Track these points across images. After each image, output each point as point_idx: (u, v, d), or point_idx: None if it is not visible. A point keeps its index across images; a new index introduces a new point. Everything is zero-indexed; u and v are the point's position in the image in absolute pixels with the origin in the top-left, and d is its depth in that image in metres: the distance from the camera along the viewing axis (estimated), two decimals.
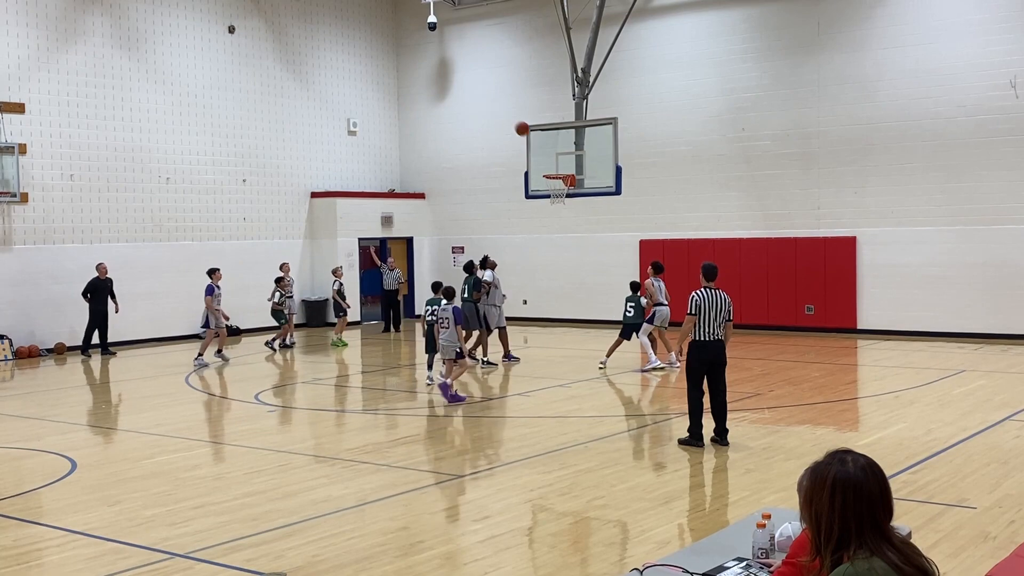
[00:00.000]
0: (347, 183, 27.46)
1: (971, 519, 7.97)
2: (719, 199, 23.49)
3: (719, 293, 10.78)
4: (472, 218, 27.46)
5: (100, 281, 20.71)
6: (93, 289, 20.59)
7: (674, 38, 24.10)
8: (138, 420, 14.46)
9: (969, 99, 20.36)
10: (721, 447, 10.78)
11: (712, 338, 10.67)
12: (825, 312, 22.03)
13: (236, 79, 24.95)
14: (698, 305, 10.65)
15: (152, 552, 7.54)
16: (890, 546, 3.00)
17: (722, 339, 10.75)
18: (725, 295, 10.84)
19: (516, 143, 20.02)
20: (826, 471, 3.09)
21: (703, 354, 10.72)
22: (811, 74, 22.22)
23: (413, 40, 28.40)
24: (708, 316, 10.63)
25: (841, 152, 21.89)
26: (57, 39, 21.55)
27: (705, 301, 10.64)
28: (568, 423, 12.57)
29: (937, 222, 20.88)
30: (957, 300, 20.60)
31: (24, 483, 10.03)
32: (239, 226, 25.05)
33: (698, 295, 10.72)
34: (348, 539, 7.81)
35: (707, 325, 10.64)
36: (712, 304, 10.64)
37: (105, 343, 20.89)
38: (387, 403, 15.13)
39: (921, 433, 11.36)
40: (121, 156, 22.59)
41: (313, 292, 26.48)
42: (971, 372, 16.19)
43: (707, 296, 10.67)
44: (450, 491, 9.37)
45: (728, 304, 10.76)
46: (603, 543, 7.82)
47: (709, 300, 10.64)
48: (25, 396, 16.56)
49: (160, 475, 10.14)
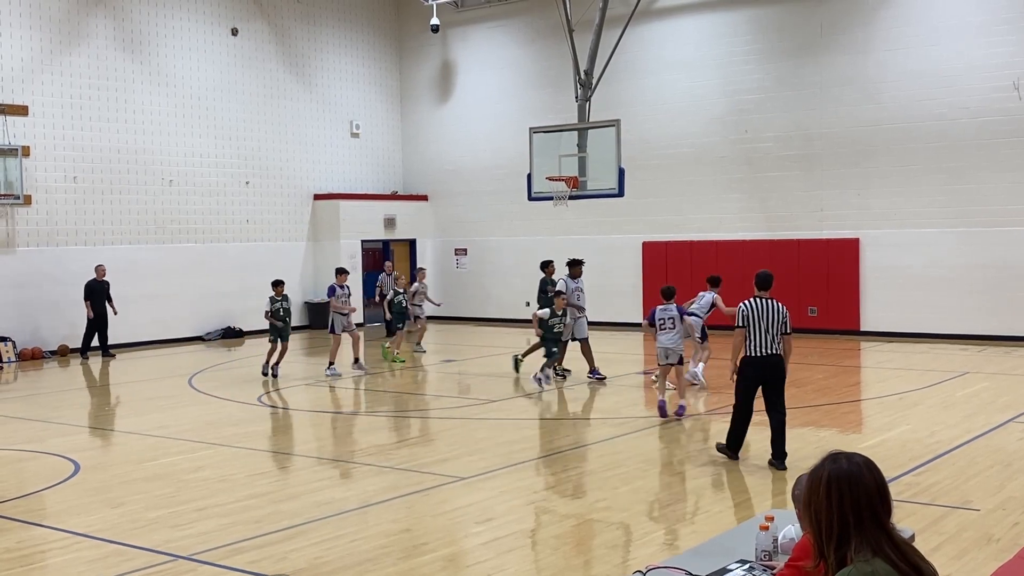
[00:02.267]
0: (350, 185, 27.48)
1: (975, 521, 7.96)
2: (722, 201, 23.49)
3: (772, 303, 9.89)
4: (475, 220, 27.47)
5: (98, 283, 20.69)
6: (91, 291, 20.58)
7: (677, 40, 24.10)
8: (141, 422, 14.47)
9: (972, 101, 20.35)
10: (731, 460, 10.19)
11: (764, 352, 9.80)
12: (828, 314, 22.01)
13: (239, 81, 24.97)
14: (746, 316, 9.84)
15: (155, 554, 7.54)
16: (890, 541, 3.01)
17: (778, 353, 9.86)
18: (780, 305, 9.94)
19: (519, 145, 20.06)
20: (820, 471, 3.13)
21: (753, 370, 9.90)
22: (814, 76, 22.22)
23: (416, 42, 28.41)
24: (759, 328, 9.79)
25: (844, 154, 21.88)
26: (60, 41, 21.58)
27: (754, 312, 9.82)
28: (571, 425, 12.56)
29: (940, 224, 20.86)
30: (960, 302, 20.58)
31: (27, 485, 10.03)
32: (242, 228, 25.06)
33: (745, 306, 9.91)
34: (351, 541, 7.81)
35: (759, 338, 9.80)
36: (763, 315, 9.79)
37: (105, 345, 20.88)
38: (390, 405, 15.11)
39: (924, 435, 11.35)
40: (124, 158, 22.61)
41: (316, 294, 26.48)
42: (974, 374, 16.17)
43: (757, 306, 9.85)
44: (453, 493, 9.36)
45: (783, 315, 9.87)
46: (606, 545, 7.82)
47: (759, 311, 9.81)
48: (28, 398, 16.57)
49: (163, 477, 10.14)
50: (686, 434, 12.10)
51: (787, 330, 9.93)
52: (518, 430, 12.81)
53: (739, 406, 10.04)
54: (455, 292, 27.33)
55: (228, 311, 24.47)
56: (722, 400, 13.83)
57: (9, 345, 20.36)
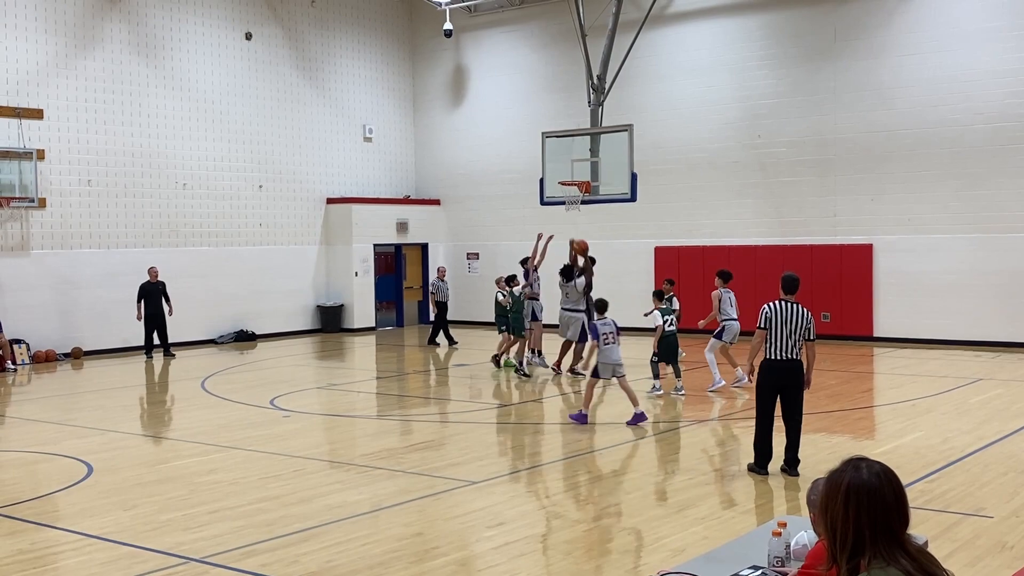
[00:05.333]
0: (362, 189, 27.53)
1: (988, 528, 7.92)
2: (735, 206, 23.45)
3: (796, 307, 9.71)
4: (487, 224, 27.48)
5: (151, 284, 21.09)
6: (145, 293, 20.98)
7: (690, 45, 24.09)
8: (154, 424, 14.53)
9: (986, 106, 20.28)
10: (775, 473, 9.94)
11: (784, 357, 9.64)
12: (841, 320, 21.95)
13: (253, 86, 25.05)
14: (768, 319, 9.67)
15: (167, 556, 7.56)
16: (905, 554, 2.98)
17: (798, 358, 9.71)
18: (804, 310, 9.77)
19: (531, 149, 20.07)
20: (840, 478, 3.08)
21: (772, 375, 9.73)
22: (828, 81, 22.17)
23: (429, 47, 28.46)
24: (781, 332, 9.61)
25: (858, 159, 21.83)
26: (75, 46, 21.68)
27: (777, 315, 9.65)
28: (582, 429, 12.54)
29: (954, 230, 20.78)
30: (974, 308, 20.49)
31: (41, 487, 10.07)
32: (255, 232, 25.13)
33: (769, 308, 9.73)
34: (362, 545, 7.81)
35: (779, 342, 9.63)
36: (787, 319, 9.62)
37: (166, 344, 21.28)
38: (402, 408, 15.13)
39: (938, 442, 11.30)
40: (138, 162, 22.70)
41: (328, 298, 26.54)
42: (988, 381, 16.10)
43: (780, 309, 9.68)
44: (464, 497, 9.36)
45: (807, 320, 9.69)
46: (618, 550, 7.81)
47: (782, 314, 9.64)
48: (42, 400, 16.64)
49: (176, 479, 10.17)
50: (699, 440, 12.08)
51: (810, 336, 9.74)
52: (529, 434, 12.80)
53: (760, 412, 9.91)
54: (467, 296, 27.33)
55: (241, 314, 24.53)
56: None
57: (23, 347, 20.45)
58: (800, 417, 9.89)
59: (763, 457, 9.92)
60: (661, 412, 13.77)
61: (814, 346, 9.88)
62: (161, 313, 21.10)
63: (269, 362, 20.83)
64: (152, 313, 21.00)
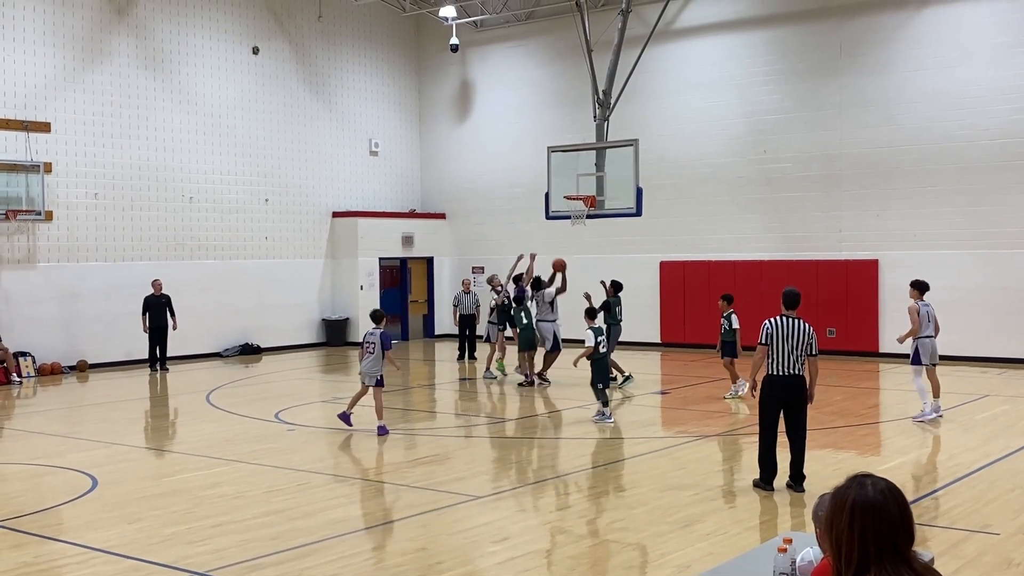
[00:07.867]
0: (368, 203, 27.58)
1: (994, 545, 7.90)
2: (740, 221, 23.45)
3: (798, 322, 9.74)
4: (492, 239, 27.49)
5: (155, 298, 21.10)
6: (149, 306, 21.03)
7: (695, 60, 24.14)
8: (159, 437, 14.53)
9: (992, 122, 20.28)
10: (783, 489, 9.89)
11: (786, 372, 9.63)
12: (846, 335, 21.91)
13: (259, 100, 25.14)
14: (769, 334, 9.68)
15: (171, 570, 7.56)
16: (911, 571, 2.98)
17: (800, 374, 9.68)
18: (806, 325, 9.79)
19: (537, 164, 20.09)
20: (846, 495, 3.08)
21: (774, 391, 9.71)
22: (833, 96, 22.19)
23: (435, 61, 28.55)
24: (783, 348, 9.62)
25: (863, 175, 21.83)
26: (83, 59, 21.78)
27: (778, 330, 9.66)
28: (587, 444, 12.53)
29: (959, 246, 20.76)
30: (980, 324, 20.44)
31: (45, 500, 10.08)
32: (261, 245, 25.17)
33: (770, 323, 9.74)
34: (367, 559, 7.81)
35: (781, 358, 9.63)
36: (788, 334, 9.63)
37: (164, 359, 21.27)
38: (407, 422, 15.13)
39: (944, 458, 11.28)
40: (145, 175, 22.77)
41: (334, 311, 26.56)
42: (994, 397, 16.06)
43: (781, 325, 9.69)
44: (469, 512, 9.35)
45: (809, 335, 9.69)
46: (622, 566, 7.79)
47: (784, 330, 9.66)
48: (47, 413, 16.66)
49: (180, 493, 10.17)
50: (703, 455, 12.06)
51: (812, 352, 9.73)
52: (533, 449, 12.79)
53: (763, 428, 9.90)
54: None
55: (246, 327, 24.56)
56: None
57: (29, 360, 20.48)
58: (804, 433, 9.86)
59: (768, 473, 9.90)
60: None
61: (816, 361, 9.87)
62: (164, 326, 21.11)
63: (274, 375, 20.84)
64: (155, 326, 21.04)
